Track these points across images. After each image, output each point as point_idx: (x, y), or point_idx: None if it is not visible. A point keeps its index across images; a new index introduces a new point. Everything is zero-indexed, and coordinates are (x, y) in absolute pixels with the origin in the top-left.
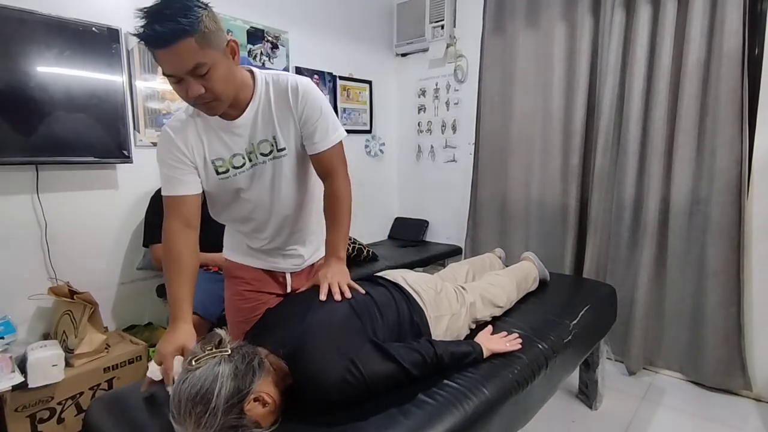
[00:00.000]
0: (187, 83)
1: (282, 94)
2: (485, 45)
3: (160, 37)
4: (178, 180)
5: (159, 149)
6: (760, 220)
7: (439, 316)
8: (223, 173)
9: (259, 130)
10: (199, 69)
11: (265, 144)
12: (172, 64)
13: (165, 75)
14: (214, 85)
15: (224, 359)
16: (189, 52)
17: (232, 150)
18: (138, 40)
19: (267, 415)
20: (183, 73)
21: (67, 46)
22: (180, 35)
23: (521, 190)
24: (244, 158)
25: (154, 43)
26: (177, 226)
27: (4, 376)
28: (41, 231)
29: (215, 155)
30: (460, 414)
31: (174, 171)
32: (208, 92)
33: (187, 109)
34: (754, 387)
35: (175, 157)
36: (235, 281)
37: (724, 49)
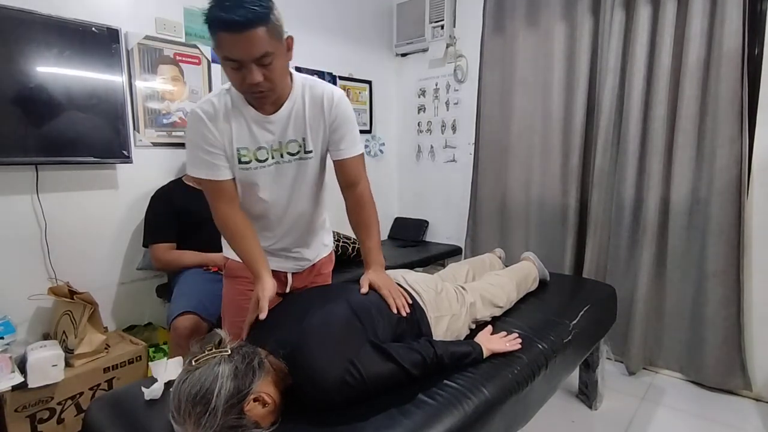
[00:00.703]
0: (249, 70)
1: (317, 100)
2: (485, 45)
3: (237, 23)
4: (216, 165)
5: (190, 131)
6: (760, 220)
7: (440, 316)
8: (245, 163)
9: (290, 130)
10: (265, 58)
11: (294, 144)
12: (241, 49)
13: (226, 59)
14: (273, 76)
15: (224, 359)
16: (260, 40)
17: (258, 143)
18: (205, 21)
19: (267, 415)
20: (250, 59)
21: (67, 46)
22: (256, 23)
23: (521, 190)
24: (269, 153)
25: (229, 27)
26: (225, 204)
27: (4, 376)
28: (41, 231)
29: (241, 143)
30: (460, 414)
31: (210, 155)
32: (266, 81)
33: (219, 95)
34: (754, 387)
35: (208, 140)
36: (238, 281)
37: (724, 49)
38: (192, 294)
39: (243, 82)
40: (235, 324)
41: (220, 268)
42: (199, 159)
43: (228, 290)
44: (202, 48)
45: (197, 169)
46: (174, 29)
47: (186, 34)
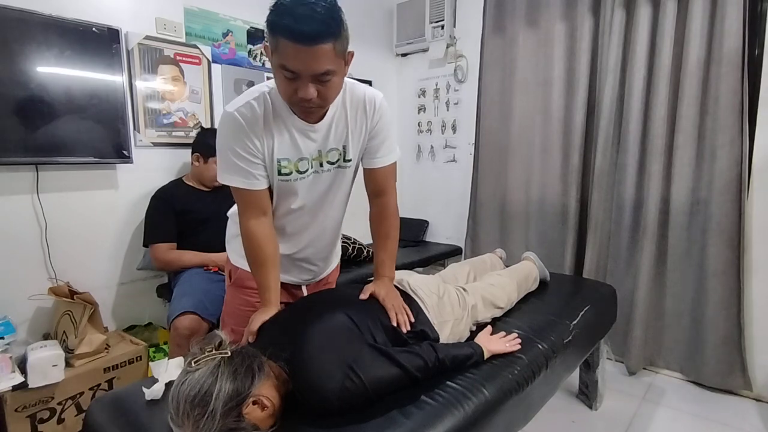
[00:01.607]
0: (304, 84)
1: (359, 104)
2: (485, 45)
3: (311, 35)
4: (253, 175)
5: (227, 136)
6: (760, 220)
7: (443, 322)
8: (285, 175)
9: (332, 138)
10: (325, 75)
11: (334, 152)
12: (305, 63)
13: (285, 69)
14: (328, 92)
15: (224, 361)
16: (326, 57)
17: (301, 153)
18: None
19: (266, 418)
20: (310, 73)
21: (67, 47)
22: (326, 39)
23: (521, 190)
24: (309, 164)
25: (296, 38)
26: (255, 218)
27: (4, 376)
28: (41, 231)
29: (282, 154)
30: (460, 414)
31: (247, 163)
32: (319, 97)
33: (259, 98)
34: (754, 387)
35: (247, 148)
36: (247, 291)
37: (724, 49)
38: (192, 294)
39: (294, 94)
40: (236, 332)
41: (221, 268)
42: (233, 165)
43: (233, 298)
44: (202, 48)
45: (230, 175)
46: (174, 29)
47: (186, 34)
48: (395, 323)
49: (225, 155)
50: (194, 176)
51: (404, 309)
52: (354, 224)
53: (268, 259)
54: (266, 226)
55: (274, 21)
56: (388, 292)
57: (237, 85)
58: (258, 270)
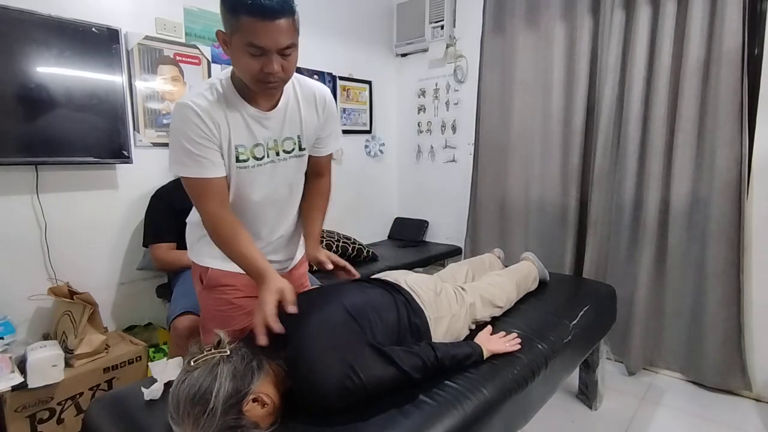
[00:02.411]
0: (269, 59)
1: (309, 97)
2: (485, 45)
3: (273, 9)
4: (210, 161)
5: (180, 124)
6: (760, 220)
7: (439, 317)
8: (242, 161)
9: (286, 127)
10: (288, 49)
11: (289, 142)
12: (271, 37)
13: (249, 45)
14: (289, 67)
15: (223, 359)
16: (288, 31)
17: (256, 139)
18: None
19: (266, 416)
20: (275, 48)
21: (66, 47)
22: (287, 12)
23: (521, 190)
24: (265, 151)
25: (262, 13)
26: (217, 207)
27: (4, 376)
28: (41, 231)
29: (238, 141)
30: (459, 414)
31: (203, 150)
32: (283, 72)
33: (210, 89)
34: (754, 387)
35: (203, 134)
36: (224, 290)
37: (723, 49)
38: (192, 294)
39: (260, 71)
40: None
41: None
42: (188, 156)
43: (210, 302)
44: (202, 48)
45: (186, 167)
46: (174, 29)
47: (186, 35)
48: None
49: (179, 145)
50: None
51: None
52: (354, 224)
53: (241, 234)
54: (228, 210)
55: (236, 2)
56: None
57: None
58: (236, 247)
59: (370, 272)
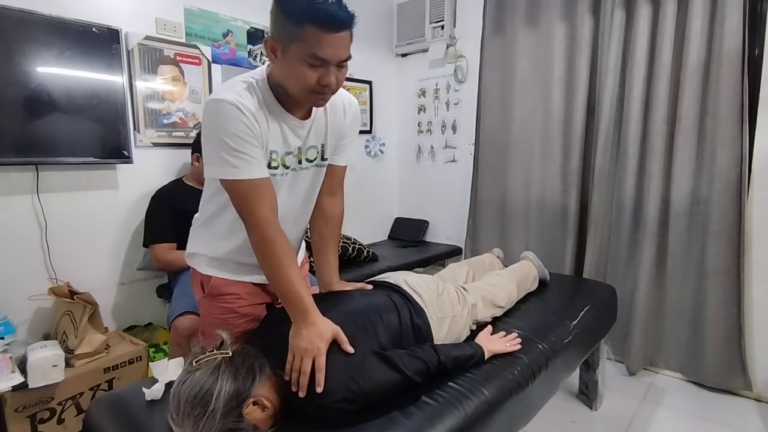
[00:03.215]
0: (328, 71)
1: (337, 106)
2: (485, 45)
3: (342, 21)
4: (259, 161)
5: (224, 122)
6: (761, 220)
7: (441, 318)
8: (273, 168)
9: (312, 135)
10: (346, 61)
11: (313, 150)
12: (336, 49)
13: (315, 57)
14: (342, 79)
15: (225, 361)
16: (348, 42)
17: (289, 147)
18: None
19: (266, 419)
20: (337, 60)
21: (67, 47)
22: (351, 24)
23: (521, 190)
24: (293, 159)
25: (332, 23)
26: (270, 211)
27: (4, 376)
28: (41, 231)
29: (274, 146)
30: (460, 414)
31: (250, 149)
32: (336, 84)
33: (249, 88)
34: (755, 387)
35: (250, 132)
36: (226, 299)
37: (724, 49)
38: (192, 294)
39: (316, 83)
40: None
41: None
42: (235, 156)
43: (211, 310)
44: (202, 48)
45: (235, 169)
46: (174, 29)
47: (186, 35)
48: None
49: (221, 144)
50: (194, 176)
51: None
52: (354, 224)
53: (295, 261)
54: (280, 226)
55: (303, 10)
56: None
57: None
58: (290, 278)
59: (370, 272)
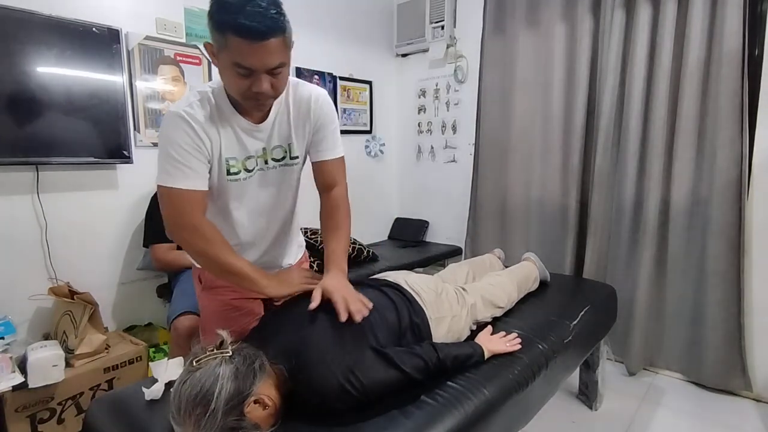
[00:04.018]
0: (258, 79)
1: (302, 102)
2: (485, 45)
3: (259, 32)
4: (197, 174)
5: (171, 132)
6: (761, 220)
7: (440, 317)
8: (234, 174)
9: (276, 135)
10: (277, 68)
11: (279, 150)
12: (260, 59)
13: (239, 66)
14: (279, 84)
15: (225, 360)
16: (278, 50)
17: (248, 152)
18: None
19: (267, 417)
20: (264, 69)
21: (67, 47)
22: (276, 32)
23: (521, 190)
24: (255, 161)
25: (249, 35)
26: (202, 216)
27: (5, 376)
28: (41, 231)
29: (229, 153)
30: (460, 414)
31: (193, 161)
32: (273, 90)
33: (202, 99)
34: (755, 387)
35: (195, 145)
36: (220, 291)
37: (724, 50)
38: (192, 294)
39: (248, 90)
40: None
41: None
42: (176, 165)
43: (208, 303)
44: (202, 48)
45: (171, 177)
46: (174, 29)
47: (186, 35)
48: (343, 317)
49: (168, 155)
50: None
51: (359, 300)
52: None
53: (226, 243)
54: (213, 225)
55: (223, 20)
56: (339, 284)
57: None
58: (225, 255)
59: (370, 272)
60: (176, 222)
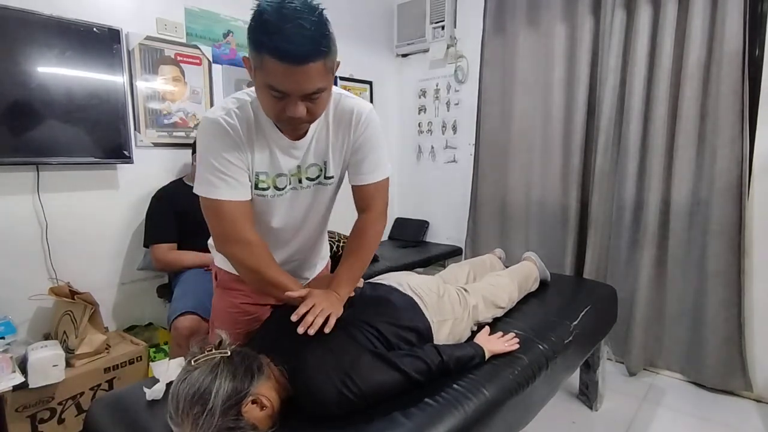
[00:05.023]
0: (293, 103)
1: (344, 117)
2: (485, 45)
3: (297, 55)
4: (241, 184)
5: (212, 141)
6: (761, 221)
7: (443, 320)
8: (262, 189)
9: (312, 153)
10: (316, 93)
11: (314, 168)
12: (296, 84)
13: (273, 89)
14: (317, 109)
15: (224, 360)
16: (317, 75)
17: (280, 169)
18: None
19: (265, 418)
20: (300, 93)
21: (68, 47)
22: (317, 57)
23: (521, 190)
24: (288, 180)
25: (288, 59)
26: (254, 232)
27: (5, 376)
28: (42, 231)
29: (261, 168)
30: (460, 415)
31: (236, 172)
32: (308, 114)
33: (242, 107)
34: (755, 388)
35: (237, 154)
36: (232, 293)
37: (724, 50)
38: (193, 294)
39: (282, 113)
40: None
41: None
42: (223, 178)
43: (220, 300)
44: (203, 48)
45: (220, 190)
46: (175, 29)
47: (187, 35)
48: (294, 319)
49: (209, 165)
50: (195, 177)
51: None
52: None
53: (277, 264)
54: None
55: (259, 39)
56: (323, 299)
57: (238, 85)
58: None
59: (370, 272)
60: (226, 236)
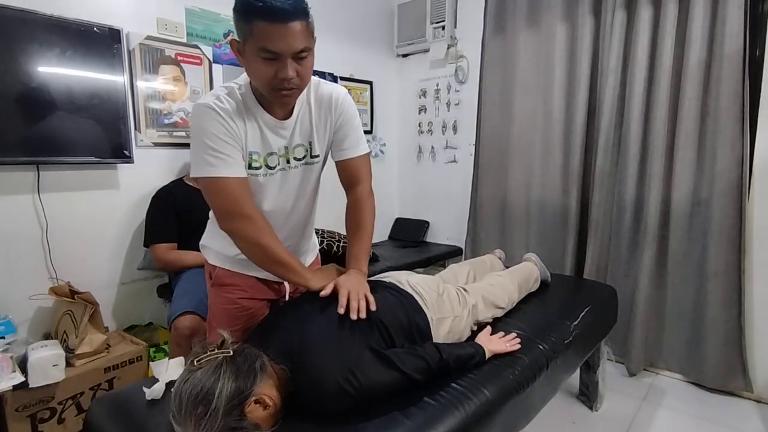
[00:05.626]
0: (284, 64)
1: (323, 101)
2: (486, 46)
3: (284, 12)
4: (237, 162)
5: (204, 123)
6: (761, 221)
7: (442, 318)
8: (255, 168)
9: (298, 134)
10: (302, 53)
11: (300, 149)
12: (284, 41)
13: (262, 50)
14: (305, 72)
15: (226, 360)
16: (302, 34)
17: (270, 148)
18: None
19: (267, 417)
20: (289, 52)
21: (68, 47)
22: (301, 15)
23: (522, 190)
24: (277, 159)
25: (274, 16)
26: (254, 207)
27: (5, 375)
28: (42, 231)
29: (253, 147)
30: (460, 415)
31: (231, 150)
32: (298, 78)
33: (230, 92)
34: (755, 388)
35: (229, 133)
36: (228, 289)
37: (725, 51)
38: (193, 294)
39: (275, 77)
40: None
41: None
42: (219, 157)
43: (216, 299)
44: (203, 48)
45: (217, 168)
46: (175, 29)
47: (187, 35)
48: (341, 311)
49: (204, 145)
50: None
51: (363, 300)
52: None
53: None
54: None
55: (247, 9)
56: (353, 282)
57: None
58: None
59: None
60: (229, 211)
